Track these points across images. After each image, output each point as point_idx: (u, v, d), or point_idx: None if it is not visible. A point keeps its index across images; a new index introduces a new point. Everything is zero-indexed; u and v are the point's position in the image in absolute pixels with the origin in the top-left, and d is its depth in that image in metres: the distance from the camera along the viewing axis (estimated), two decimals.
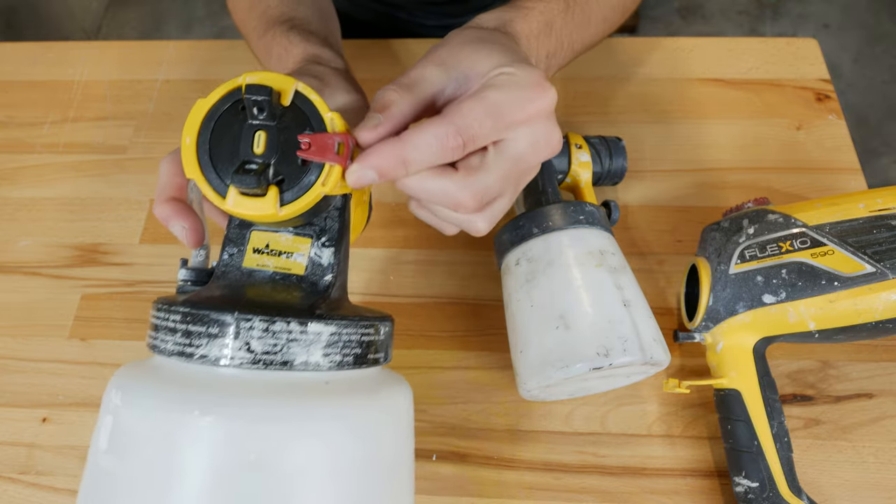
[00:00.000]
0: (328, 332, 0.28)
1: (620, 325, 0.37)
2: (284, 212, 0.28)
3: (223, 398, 0.26)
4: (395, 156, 0.28)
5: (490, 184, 0.30)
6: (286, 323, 0.27)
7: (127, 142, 0.61)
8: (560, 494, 0.43)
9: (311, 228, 0.32)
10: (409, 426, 0.33)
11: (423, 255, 0.53)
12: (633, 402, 0.46)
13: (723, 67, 0.61)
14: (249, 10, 0.49)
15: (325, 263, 0.31)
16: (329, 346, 0.28)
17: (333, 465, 0.27)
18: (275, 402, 0.26)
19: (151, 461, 0.26)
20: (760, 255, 0.41)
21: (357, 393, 0.29)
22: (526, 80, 0.30)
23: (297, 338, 0.27)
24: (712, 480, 0.43)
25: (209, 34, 1.85)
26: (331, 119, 0.29)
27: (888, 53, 1.66)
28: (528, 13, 0.38)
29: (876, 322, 0.39)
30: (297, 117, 0.29)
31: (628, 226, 0.53)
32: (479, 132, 0.29)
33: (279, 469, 0.25)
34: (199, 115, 0.29)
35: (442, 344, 0.49)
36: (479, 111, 0.29)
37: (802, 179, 0.55)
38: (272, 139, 0.28)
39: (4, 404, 0.48)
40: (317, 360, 0.28)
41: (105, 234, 0.56)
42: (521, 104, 0.30)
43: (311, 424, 0.27)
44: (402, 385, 0.33)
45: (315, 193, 0.28)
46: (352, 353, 0.29)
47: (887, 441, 0.44)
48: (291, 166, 0.28)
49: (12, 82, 0.66)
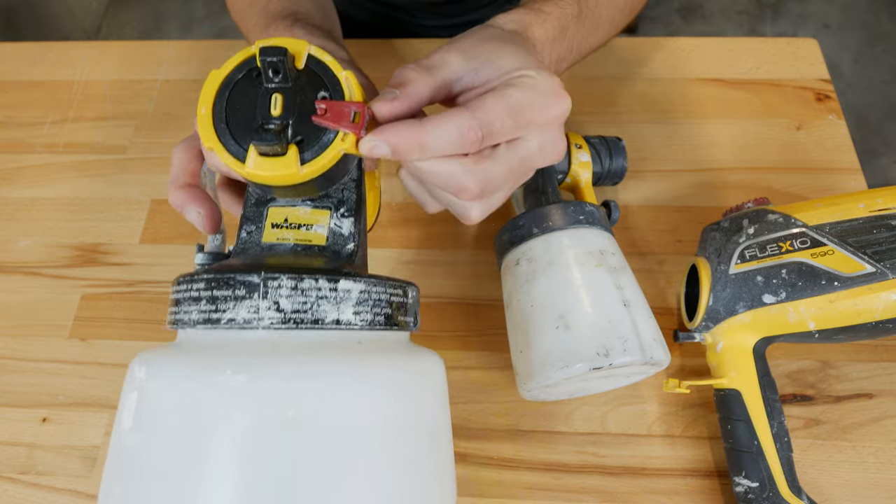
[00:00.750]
0: (358, 289, 0.28)
1: (620, 325, 0.37)
2: (306, 170, 0.28)
3: (256, 358, 0.25)
4: (413, 138, 0.28)
5: (496, 175, 0.31)
6: (315, 280, 0.27)
7: (127, 142, 0.61)
8: (560, 494, 0.43)
9: (329, 201, 0.32)
10: (444, 395, 0.32)
11: (423, 255, 0.53)
12: (633, 402, 0.46)
13: (723, 67, 0.61)
14: (250, 5, 0.49)
15: (345, 233, 0.31)
16: (360, 303, 0.28)
17: (370, 423, 0.26)
18: (309, 359, 0.26)
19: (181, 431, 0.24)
20: (760, 255, 0.41)
21: (391, 353, 0.29)
22: (547, 86, 0.31)
23: (326, 295, 0.27)
24: (712, 480, 0.43)
25: (209, 34, 1.85)
26: (346, 78, 0.29)
27: (888, 53, 1.66)
28: (545, 18, 0.39)
29: (876, 322, 0.39)
30: (311, 79, 0.29)
31: (628, 226, 0.53)
32: (499, 129, 0.30)
33: (317, 427, 0.25)
34: (214, 85, 0.29)
35: (442, 344, 0.49)
36: (503, 109, 0.30)
37: (802, 179, 0.55)
38: (289, 101, 0.28)
39: (4, 404, 0.48)
40: (348, 317, 0.27)
41: (105, 234, 0.56)
42: (541, 108, 0.31)
43: (347, 382, 0.26)
44: (434, 355, 0.32)
45: (335, 151, 0.28)
46: (382, 312, 0.29)
47: (887, 441, 0.44)
48: (309, 126, 0.28)
49: (12, 82, 0.66)
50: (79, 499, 0.44)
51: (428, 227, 0.53)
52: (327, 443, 0.25)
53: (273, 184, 0.29)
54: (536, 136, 0.31)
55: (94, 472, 0.45)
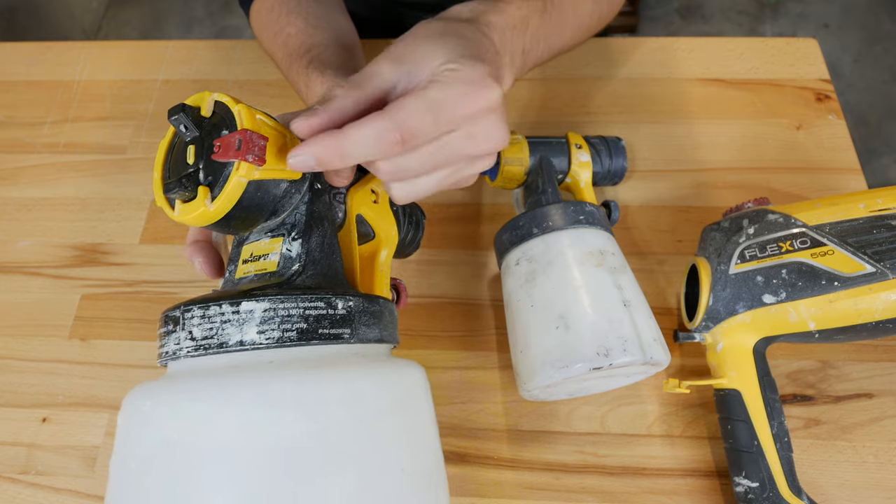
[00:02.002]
0: (261, 308, 0.28)
1: (620, 325, 0.37)
2: (214, 206, 0.29)
3: (167, 386, 0.28)
4: (333, 146, 0.29)
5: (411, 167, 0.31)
6: (219, 306, 0.28)
7: (127, 142, 0.61)
8: (560, 494, 0.43)
9: (283, 228, 0.33)
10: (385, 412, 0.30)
11: (423, 255, 0.53)
12: (633, 402, 0.46)
13: (723, 67, 0.61)
14: (273, 39, 0.51)
15: (293, 255, 0.32)
16: (264, 322, 0.28)
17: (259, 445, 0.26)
18: (202, 384, 0.27)
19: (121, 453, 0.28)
20: (760, 255, 0.41)
21: (300, 370, 0.28)
22: (470, 75, 0.31)
23: (229, 318, 0.28)
24: (712, 480, 0.43)
25: (209, 34, 1.85)
26: (238, 112, 0.30)
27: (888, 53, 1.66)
28: (503, 7, 0.39)
29: (876, 322, 0.39)
30: (218, 123, 0.31)
31: (628, 226, 0.53)
32: (418, 128, 0.30)
33: (202, 447, 0.26)
34: (162, 153, 0.33)
35: (442, 344, 0.49)
36: (421, 107, 0.30)
37: (802, 179, 0.55)
38: (199, 148, 0.31)
39: (4, 404, 0.48)
40: (252, 338, 0.28)
41: (105, 234, 0.56)
42: (463, 100, 0.30)
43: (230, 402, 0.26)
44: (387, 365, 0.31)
45: (233, 181, 0.29)
46: (294, 328, 0.28)
47: (887, 441, 0.44)
48: (215, 166, 0.30)
49: (12, 82, 0.66)
50: (79, 499, 0.44)
51: (428, 227, 0.53)
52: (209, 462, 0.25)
53: (196, 225, 0.31)
54: (464, 127, 0.31)
55: (94, 472, 0.45)
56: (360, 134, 0.29)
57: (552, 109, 0.60)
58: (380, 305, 0.32)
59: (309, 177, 0.33)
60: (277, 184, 0.31)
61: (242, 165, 0.29)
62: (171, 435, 0.26)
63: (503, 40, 0.37)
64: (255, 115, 0.31)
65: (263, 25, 0.53)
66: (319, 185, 0.34)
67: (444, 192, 0.55)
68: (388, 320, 0.33)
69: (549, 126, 0.59)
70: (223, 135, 0.30)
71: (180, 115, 0.30)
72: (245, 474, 0.25)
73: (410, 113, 0.30)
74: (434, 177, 0.33)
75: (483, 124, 0.32)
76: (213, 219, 0.30)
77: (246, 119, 0.30)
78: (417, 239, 0.45)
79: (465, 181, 0.35)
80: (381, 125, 0.29)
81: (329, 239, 0.33)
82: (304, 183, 0.33)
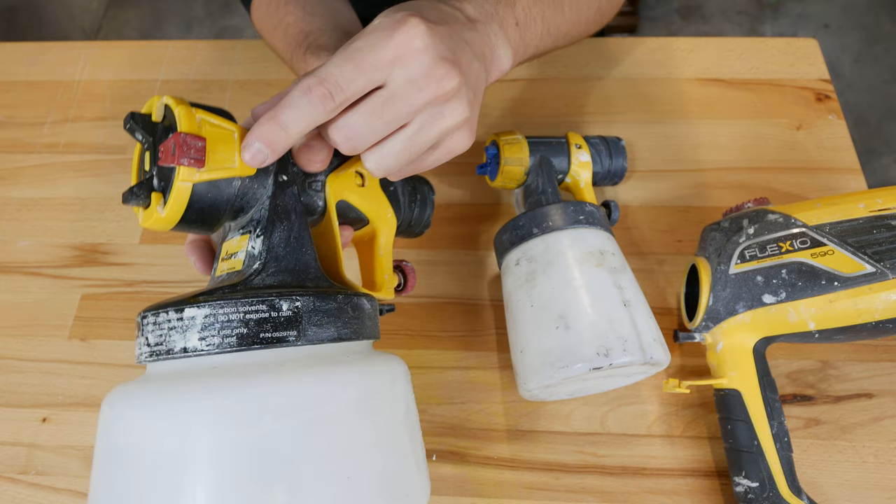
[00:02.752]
0: (202, 314, 0.28)
1: (620, 325, 0.37)
2: (166, 211, 0.29)
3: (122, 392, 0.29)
4: (270, 120, 0.29)
5: (356, 122, 0.31)
6: (166, 312, 0.28)
7: (127, 142, 0.61)
8: (560, 494, 0.43)
9: (251, 224, 0.32)
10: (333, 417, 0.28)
11: (423, 255, 0.53)
12: (633, 402, 0.46)
13: (723, 67, 0.61)
14: (273, 31, 0.51)
15: (256, 252, 0.31)
16: (205, 328, 0.28)
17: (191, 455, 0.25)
18: (142, 391, 0.28)
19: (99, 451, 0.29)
20: (760, 255, 0.41)
21: (234, 377, 0.27)
22: (387, 22, 0.31)
23: (175, 325, 0.28)
24: (712, 480, 0.43)
25: (209, 34, 1.85)
26: (178, 113, 0.30)
27: (888, 53, 1.66)
28: None
29: (876, 322, 0.39)
30: (168, 127, 0.30)
31: (628, 226, 0.53)
32: (340, 77, 0.29)
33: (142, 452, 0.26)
34: (135, 160, 0.33)
35: (442, 344, 0.49)
36: (339, 58, 0.30)
37: (802, 179, 0.55)
38: (153, 154, 0.31)
39: (4, 404, 0.48)
40: (194, 344, 0.28)
41: (105, 234, 0.56)
42: (381, 43, 0.30)
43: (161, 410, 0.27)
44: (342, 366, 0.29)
45: (178, 185, 0.29)
46: (234, 333, 0.28)
47: (887, 441, 0.44)
48: (167, 172, 0.30)
49: (12, 82, 0.66)
50: (78, 499, 0.44)
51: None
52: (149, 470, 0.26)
53: (158, 230, 0.31)
54: (395, 71, 0.30)
55: None
56: (290, 98, 0.29)
57: (552, 109, 0.60)
58: (337, 302, 0.30)
59: (273, 170, 0.32)
60: (230, 182, 0.31)
61: (182, 169, 0.29)
62: (118, 440, 0.27)
63: (484, 12, 0.36)
64: (196, 116, 0.30)
65: (264, 19, 0.53)
66: (285, 177, 0.33)
67: (444, 192, 0.55)
68: (351, 316, 0.31)
69: (549, 126, 0.59)
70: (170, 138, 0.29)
71: (131, 124, 0.30)
72: (177, 484, 0.25)
73: (331, 64, 0.30)
74: (398, 139, 0.32)
75: (415, 66, 0.30)
76: (170, 223, 0.30)
77: (183, 121, 0.29)
78: (426, 217, 0.43)
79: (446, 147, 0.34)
80: (306, 82, 0.29)
81: (297, 232, 0.32)
82: (267, 177, 0.32)
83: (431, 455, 0.45)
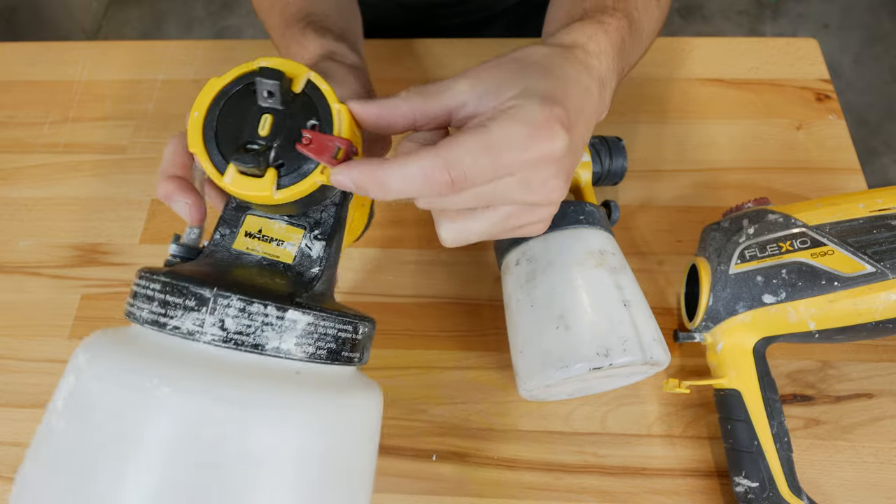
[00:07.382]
0: (305, 321, 0.28)
1: (620, 325, 0.37)
2: (280, 195, 0.28)
3: (187, 372, 0.25)
4: (373, 176, 0.27)
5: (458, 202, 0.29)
6: (263, 306, 0.27)
7: (127, 142, 0.61)
8: (560, 494, 0.43)
9: (306, 220, 0.32)
10: (375, 434, 0.32)
11: (423, 255, 0.53)
12: (633, 402, 0.46)
13: (723, 67, 0.61)
14: (271, 7, 0.49)
15: (314, 256, 0.31)
16: (303, 335, 0.28)
17: (287, 455, 0.26)
18: (238, 383, 0.26)
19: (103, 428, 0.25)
20: (760, 255, 0.41)
21: (325, 389, 0.28)
22: (538, 118, 0.28)
23: (272, 322, 0.27)
24: (712, 480, 0.43)
25: (209, 34, 1.85)
26: (338, 111, 0.29)
27: (888, 53, 1.66)
28: (607, 29, 0.36)
29: (876, 322, 0.39)
30: (305, 105, 0.29)
31: (628, 226, 0.53)
32: (471, 170, 0.27)
33: (232, 451, 0.25)
34: (211, 93, 0.29)
35: (442, 344, 0.49)
36: (477, 147, 0.27)
37: (802, 179, 0.55)
38: (278, 123, 0.28)
39: (4, 404, 0.48)
40: (289, 347, 0.27)
41: (105, 234, 0.56)
42: (522, 144, 0.28)
43: (272, 412, 0.26)
44: (374, 391, 0.32)
45: (311, 182, 0.28)
46: (326, 346, 0.29)
47: (887, 441, 0.44)
48: (292, 152, 0.28)
49: (12, 82, 0.66)
50: None
51: (428, 227, 0.53)
52: (238, 469, 0.25)
53: (248, 199, 0.29)
54: (520, 173, 0.28)
55: None
56: (406, 170, 0.27)
57: None
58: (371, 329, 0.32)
59: None
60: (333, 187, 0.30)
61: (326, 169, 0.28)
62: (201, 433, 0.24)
63: (600, 65, 0.34)
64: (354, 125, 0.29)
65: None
66: None
67: None
68: None
69: None
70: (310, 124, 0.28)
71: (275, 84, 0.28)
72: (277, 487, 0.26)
73: (465, 151, 0.27)
74: (484, 220, 0.30)
75: (540, 173, 0.29)
76: (268, 202, 0.29)
77: (346, 127, 0.28)
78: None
79: (521, 231, 0.32)
80: (430, 164, 0.27)
81: (339, 245, 0.32)
82: None
83: (431, 455, 0.45)
